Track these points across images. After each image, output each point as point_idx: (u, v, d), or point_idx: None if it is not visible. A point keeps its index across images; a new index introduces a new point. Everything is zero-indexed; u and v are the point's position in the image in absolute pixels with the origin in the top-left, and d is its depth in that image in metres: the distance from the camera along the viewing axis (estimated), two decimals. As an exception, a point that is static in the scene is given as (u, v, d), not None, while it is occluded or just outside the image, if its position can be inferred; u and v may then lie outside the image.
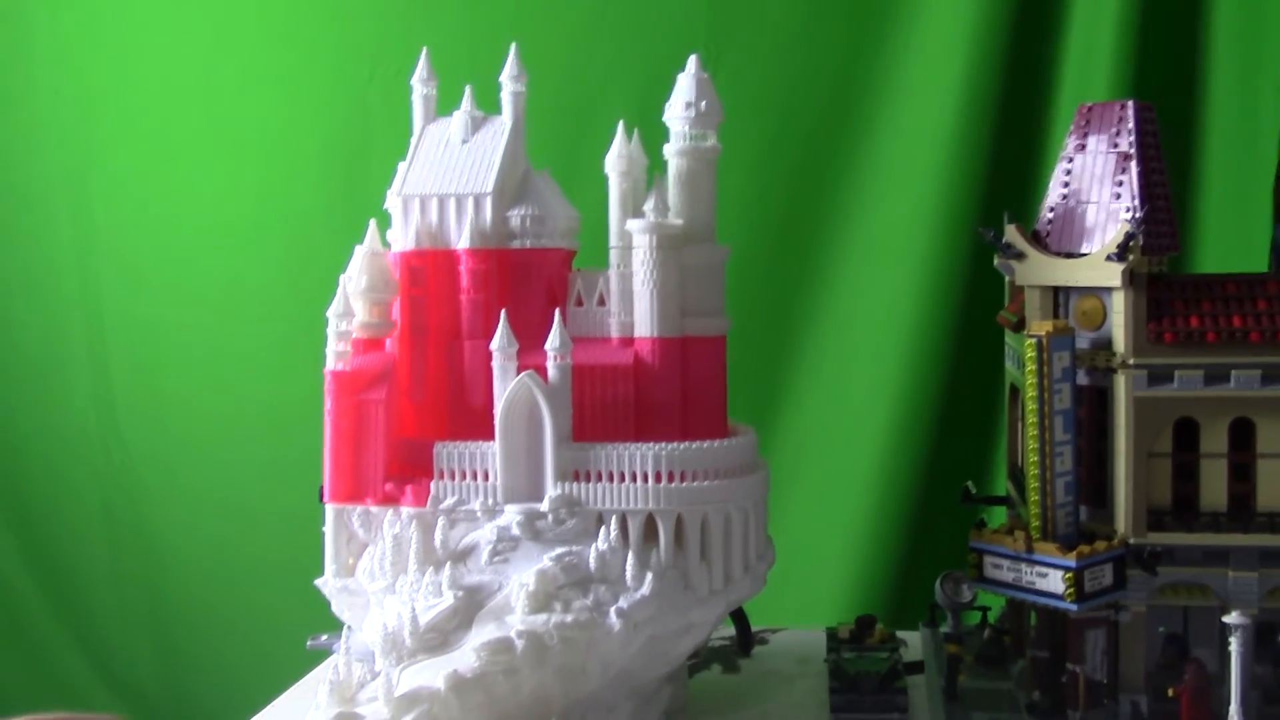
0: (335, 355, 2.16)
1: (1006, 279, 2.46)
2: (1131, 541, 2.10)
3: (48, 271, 3.98)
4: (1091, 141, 2.21)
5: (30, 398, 4.06)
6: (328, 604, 2.26)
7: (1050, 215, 2.24)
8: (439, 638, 1.98)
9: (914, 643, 2.55)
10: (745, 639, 2.56)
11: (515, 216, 2.20)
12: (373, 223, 2.24)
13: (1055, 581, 2.06)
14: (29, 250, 4.01)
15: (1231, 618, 2.00)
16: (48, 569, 4.15)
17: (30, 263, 4.00)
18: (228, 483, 3.89)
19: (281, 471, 3.71)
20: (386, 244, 2.28)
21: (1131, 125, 2.17)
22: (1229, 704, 2.00)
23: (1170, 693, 2.10)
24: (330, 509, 2.17)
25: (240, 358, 3.82)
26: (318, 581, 2.19)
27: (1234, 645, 1.99)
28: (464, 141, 2.26)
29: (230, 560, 3.95)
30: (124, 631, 4.13)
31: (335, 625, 2.31)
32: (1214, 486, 2.11)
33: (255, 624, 3.83)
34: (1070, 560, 2.04)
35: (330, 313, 2.17)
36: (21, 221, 3.99)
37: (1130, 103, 2.20)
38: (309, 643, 2.43)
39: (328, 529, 2.18)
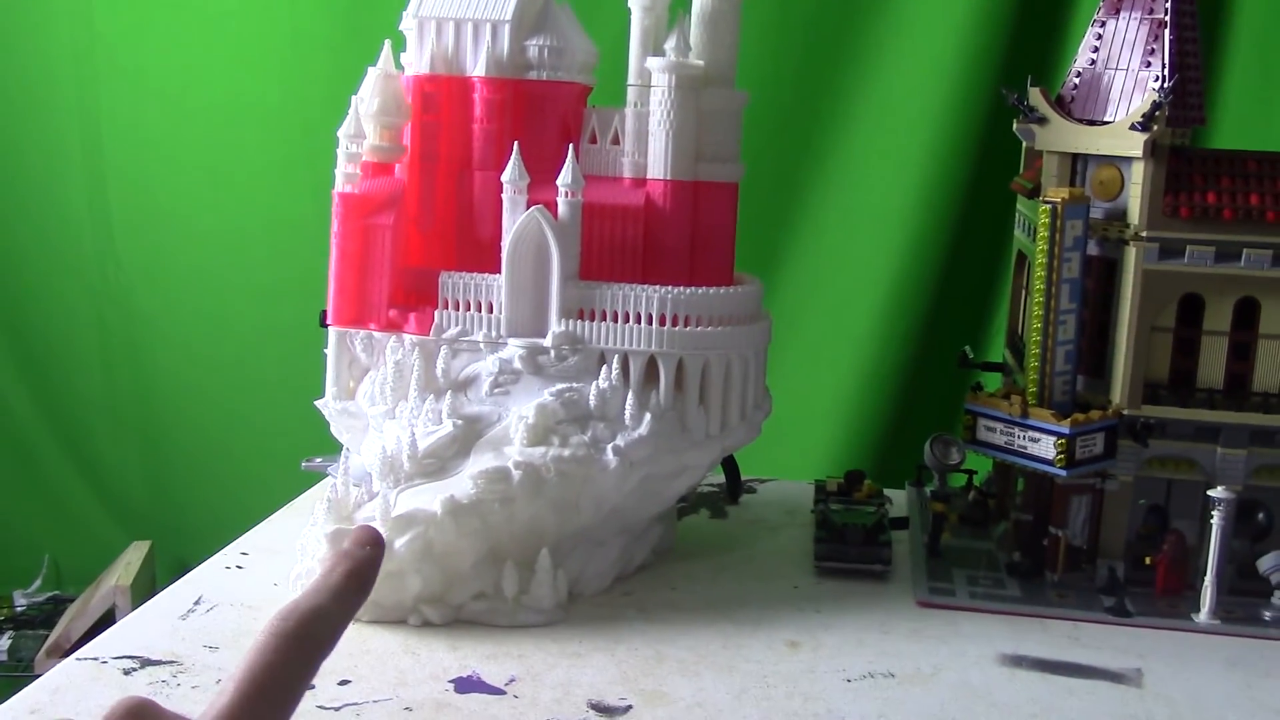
0: (344, 177, 2.13)
1: (1024, 145, 2.43)
2: (1126, 413, 2.12)
3: (44, 79, 3.90)
4: (1126, 6, 2.16)
5: (25, 209, 4.02)
6: (323, 427, 2.27)
7: (1076, 80, 2.20)
8: (437, 464, 2.00)
9: (899, 501, 2.60)
10: (734, 487, 2.60)
11: (533, 47, 2.15)
12: (387, 44, 2.18)
13: (1047, 447, 2.09)
14: (25, 57, 3.92)
15: (1217, 491, 2.04)
16: (40, 381, 4.16)
17: (27, 70, 3.91)
18: (224, 302, 3.89)
19: (279, 293, 3.71)
20: (400, 66, 2.23)
21: (1169, -9, 2.12)
22: (1204, 574, 2.05)
23: (1148, 561, 2.15)
24: (333, 332, 2.17)
25: (240, 176, 3.78)
26: (318, 402, 2.20)
27: (1216, 518, 2.03)
28: (484, -35, 2.19)
29: (225, 380, 3.97)
30: (117, 447, 4.18)
31: (330, 448, 2.33)
32: (1213, 364, 2.12)
33: (249, 444, 3.87)
34: (1064, 427, 2.06)
35: (341, 133, 2.13)
36: (17, 28, 3.89)
37: (1169, -32, 2.15)
38: (303, 464, 2.45)
39: (330, 352, 2.17)
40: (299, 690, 0.80)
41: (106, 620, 3.57)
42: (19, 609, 4.21)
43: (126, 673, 1.76)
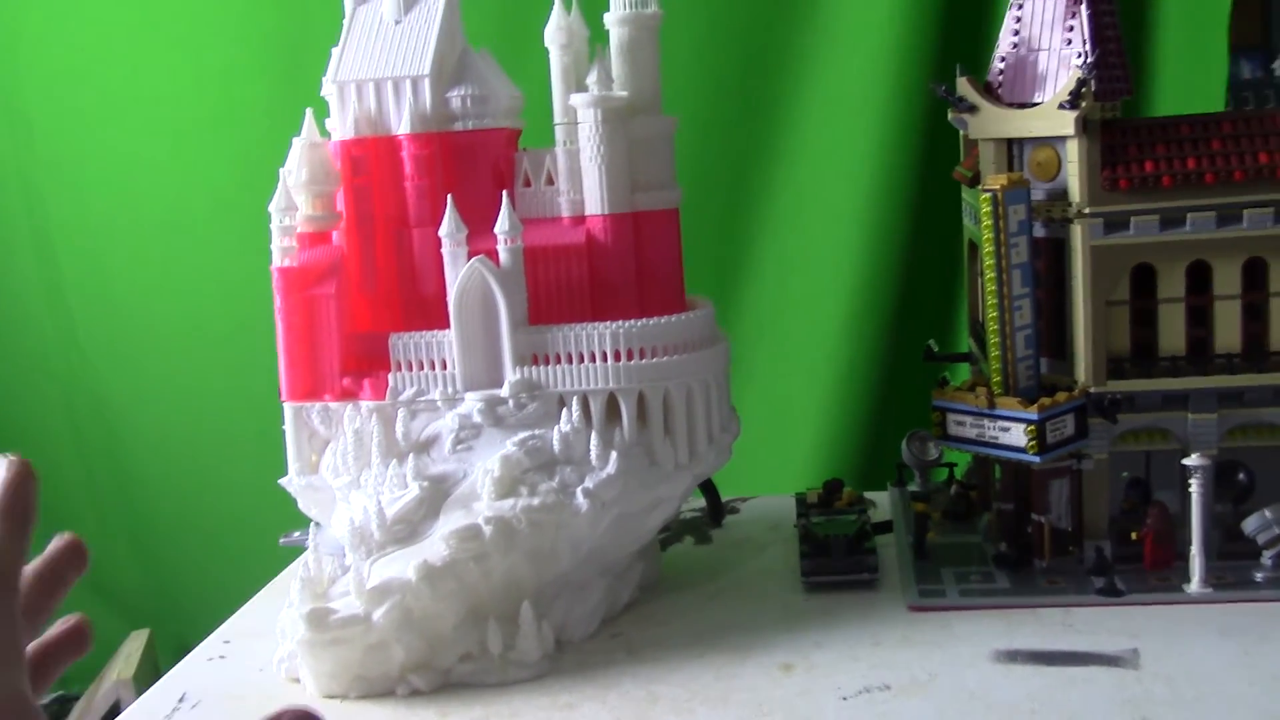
0: (281, 251, 2.11)
1: (961, 134, 2.43)
2: (1092, 390, 2.10)
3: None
4: (1041, -14, 2.15)
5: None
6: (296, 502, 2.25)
7: (1001, 65, 2.19)
8: (407, 529, 1.98)
9: (883, 503, 2.58)
10: (716, 510, 2.58)
11: (455, 97, 2.14)
12: (309, 112, 2.17)
13: (1017, 435, 2.07)
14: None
15: (1191, 460, 2.02)
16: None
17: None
18: (193, 381, 3.85)
19: (246, 366, 3.66)
20: (326, 133, 2.22)
21: (1081, -33, 2.11)
22: (1191, 544, 2.03)
23: (1134, 536, 2.13)
24: (288, 407, 2.15)
25: (193, 258, 3.75)
26: (282, 480, 2.18)
27: (1194, 487, 2.02)
28: (397, 22, 2.18)
29: (202, 458, 3.93)
30: (103, 537, 4.12)
31: (307, 522, 2.31)
32: (1172, 331, 2.11)
33: (235, 519, 3.83)
34: (1032, 413, 2.04)
35: (272, 208, 2.11)
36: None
37: (1079, -57, 2.14)
38: (281, 540, 2.43)
39: (288, 427, 2.16)
40: (17, 635, 0.90)
41: (113, 715, 3.52)
42: (25, 714, 4.16)
43: (114, 782, 1.73)
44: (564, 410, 2.04)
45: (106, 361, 3.96)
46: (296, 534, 2.41)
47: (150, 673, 3.87)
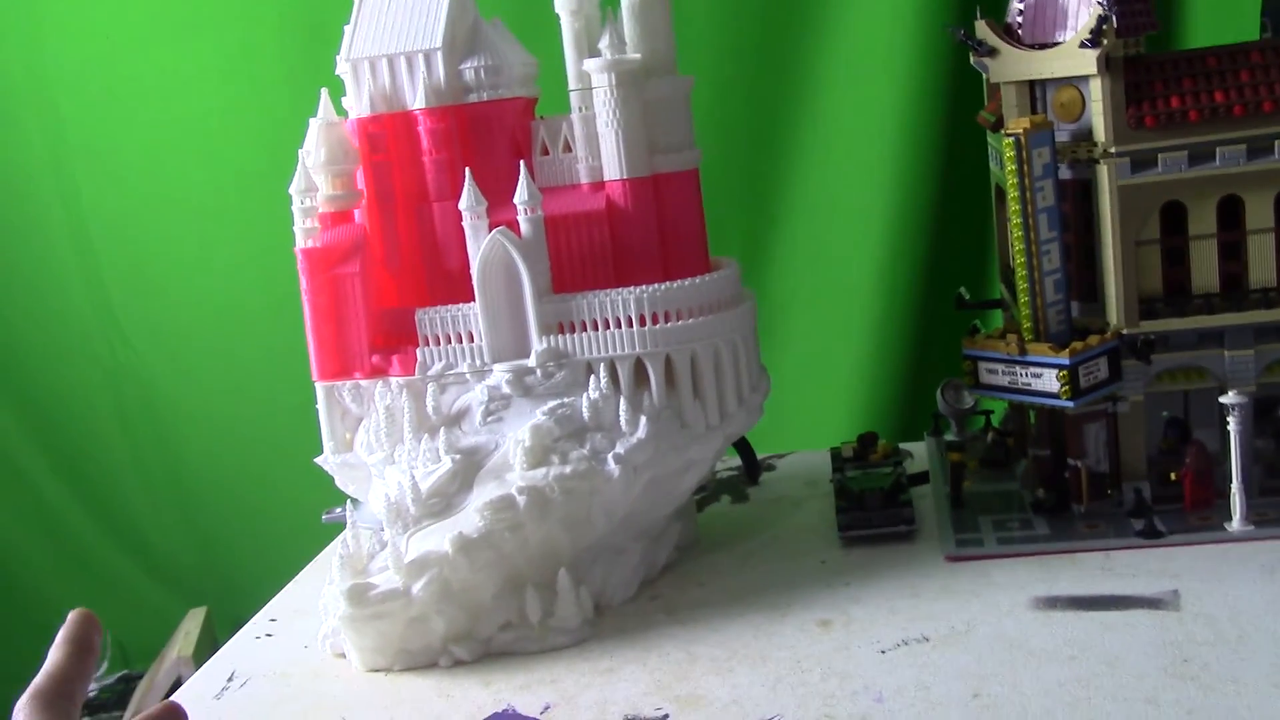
0: (304, 233, 2.12)
1: (984, 78, 2.39)
2: (1125, 332, 2.08)
3: (22, 177, 3.92)
4: (1058, -78, 2.11)
5: (30, 309, 4.05)
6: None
7: (1021, 5, 2.15)
8: (442, 502, 1.99)
9: (920, 454, 2.57)
10: (752, 468, 2.58)
11: (469, 69, 2.13)
12: (324, 92, 2.17)
13: (1050, 381, 2.05)
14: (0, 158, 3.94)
15: (1228, 397, 1.99)
16: (73, 468, 4.21)
17: (3, 170, 3.94)
18: (234, 365, 3.90)
19: (286, 349, 3.70)
20: (343, 112, 2.22)
21: (1098, -101, 2.06)
22: (1231, 481, 2.01)
23: (1173, 477, 2.11)
24: (320, 387, 2.17)
25: (227, 238, 3.78)
26: (318, 459, 2.21)
27: (1232, 424, 1.99)
28: (406, -4, 2.17)
29: (248, 437, 3.99)
30: (156, 519, 4.21)
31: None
32: (1205, 268, 2.07)
33: (277, 502, 3.88)
34: (1063, 358, 2.02)
35: (292, 189, 2.12)
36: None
37: (1096, -125, 2.09)
38: (324, 516, 2.46)
39: (320, 406, 2.18)
40: None
41: (175, 692, 3.59)
42: (91, 695, 4.26)
43: (168, 762, 1.76)
44: (592, 377, 2.04)
45: (148, 344, 4.02)
46: (339, 510, 2.44)
47: (209, 649, 3.93)
